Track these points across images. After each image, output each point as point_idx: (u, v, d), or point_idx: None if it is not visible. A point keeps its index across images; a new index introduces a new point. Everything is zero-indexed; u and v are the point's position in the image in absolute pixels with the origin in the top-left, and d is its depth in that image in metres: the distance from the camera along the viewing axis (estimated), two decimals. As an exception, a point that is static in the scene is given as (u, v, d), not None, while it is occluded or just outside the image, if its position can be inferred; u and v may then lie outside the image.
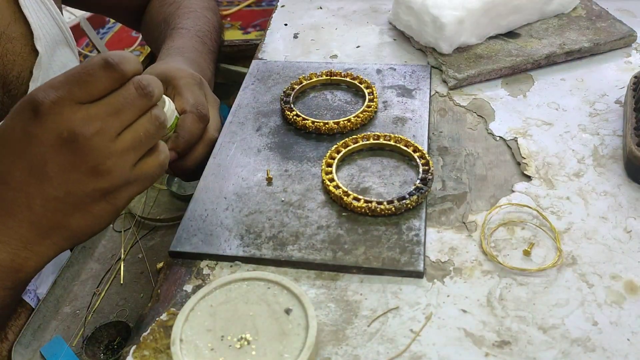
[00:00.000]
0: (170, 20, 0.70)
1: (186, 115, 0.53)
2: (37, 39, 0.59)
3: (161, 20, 0.72)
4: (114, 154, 0.40)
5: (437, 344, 0.43)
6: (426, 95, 0.64)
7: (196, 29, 0.68)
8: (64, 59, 0.64)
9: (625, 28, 0.71)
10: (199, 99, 0.54)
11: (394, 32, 0.78)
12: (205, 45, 0.67)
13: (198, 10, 0.72)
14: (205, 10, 0.73)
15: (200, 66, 0.62)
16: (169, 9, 0.73)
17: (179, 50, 0.62)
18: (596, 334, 0.43)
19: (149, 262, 0.62)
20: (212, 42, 0.69)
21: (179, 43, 0.64)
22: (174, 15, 0.71)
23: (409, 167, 0.55)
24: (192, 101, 0.53)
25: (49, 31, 0.61)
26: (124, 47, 2.18)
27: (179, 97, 0.53)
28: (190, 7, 0.72)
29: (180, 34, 0.66)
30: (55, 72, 0.62)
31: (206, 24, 0.70)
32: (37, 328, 0.56)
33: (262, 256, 0.49)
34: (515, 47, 0.70)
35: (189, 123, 0.52)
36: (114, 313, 0.57)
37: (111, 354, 0.54)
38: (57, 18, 0.63)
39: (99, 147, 0.39)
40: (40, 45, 0.59)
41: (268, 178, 0.55)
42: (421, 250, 0.48)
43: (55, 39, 0.62)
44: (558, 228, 0.50)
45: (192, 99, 0.54)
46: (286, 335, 0.41)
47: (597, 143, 0.58)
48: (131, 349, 0.44)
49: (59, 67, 0.62)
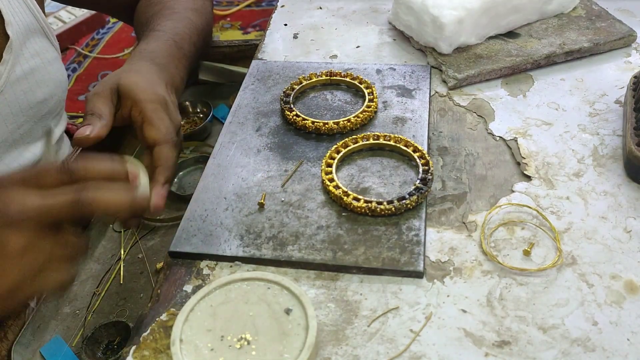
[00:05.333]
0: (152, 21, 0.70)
1: (162, 147, 0.53)
2: (8, 24, 0.60)
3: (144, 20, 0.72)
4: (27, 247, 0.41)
5: (437, 344, 0.43)
6: (426, 95, 0.64)
7: (174, 31, 0.67)
8: (38, 47, 0.64)
9: (625, 28, 0.71)
10: (169, 127, 0.55)
11: (394, 32, 0.78)
12: (180, 49, 0.66)
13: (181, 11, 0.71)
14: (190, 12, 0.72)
15: (170, 73, 0.62)
16: (153, 9, 0.73)
17: (150, 55, 0.62)
18: (596, 334, 0.43)
19: (148, 262, 0.62)
20: (189, 45, 0.68)
21: (152, 46, 0.64)
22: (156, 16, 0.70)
23: (409, 167, 0.55)
24: (164, 130, 0.54)
25: (22, 19, 0.62)
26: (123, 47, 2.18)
27: (149, 127, 0.54)
28: (173, 8, 0.72)
29: (156, 36, 0.66)
30: (26, 59, 0.63)
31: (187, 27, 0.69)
32: (36, 328, 0.56)
33: (262, 256, 0.49)
34: (515, 47, 0.70)
35: (167, 153, 0.53)
36: (114, 313, 0.57)
37: (111, 354, 0.54)
38: (32, 7, 0.64)
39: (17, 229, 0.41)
40: (12, 31, 0.60)
41: (260, 203, 0.53)
42: (421, 250, 0.48)
43: (29, 27, 0.63)
44: (558, 228, 0.50)
45: (163, 128, 0.54)
46: (286, 335, 0.41)
47: (597, 143, 0.58)
48: (131, 349, 0.44)
49: (31, 53, 0.63)
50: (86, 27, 2.25)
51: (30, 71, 0.63)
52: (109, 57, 2.15)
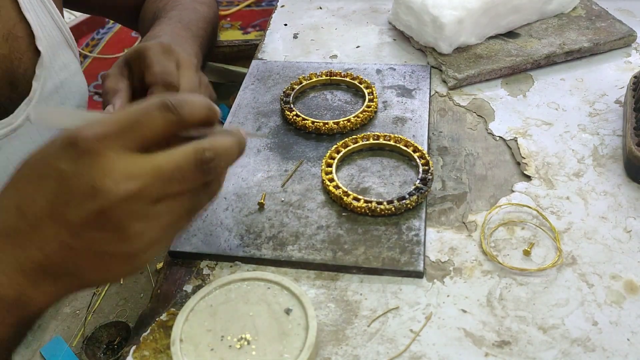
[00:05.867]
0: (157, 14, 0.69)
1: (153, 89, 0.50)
2: (39, 39, 0.60)
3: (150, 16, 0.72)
4: (145, 219, 0.35)
5: (437, 344, 0.43)
6: (426, 95, 0.64)
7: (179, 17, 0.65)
8: (65, 59, 0.64)
9: (625, 28, 0.71)
10: (165, 68, 0.51)
11: (394, 32, 0.78)
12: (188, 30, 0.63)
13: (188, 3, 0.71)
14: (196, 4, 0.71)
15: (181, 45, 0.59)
16: (157, 5, 0.72)
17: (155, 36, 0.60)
18: (596, 334, 0.43)
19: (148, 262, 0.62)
20: (197, 29, 0.66)
21: (157, 30, 0.61)
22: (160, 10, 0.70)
23: (409, 167, 0.55)
24: (158, 70, 0.50)
25: (50, 32, 0.62)
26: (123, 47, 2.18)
27: (147, 71, 0.51)
28: (180, 1, 0.71)
29: (161, 22, 0.64)
30: (57, 72, 0.62)
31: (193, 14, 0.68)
32: (37, 328, 0.56)
33: (262, 256, 0.49)
34: (515, 47, 0.70)
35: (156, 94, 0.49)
36: (114, 313, 0.57)
37: (111, 354, 0.54)
38: (57, 20, 0.64)
39: (130, 211, 0.34)
40: (42, 46, 0.60)
41: (260, 203, 0.53)
42: (421, 250, 0.48)
43: (56, 40, 0.63)
44: (558, 228, 0.50)
45: (158, 68, 0.50)
46: (286, 335, 0.41)
47: (597, 143, 0.58)
48: (131, 349, 0.44)
49: (60, 67, 0.63)
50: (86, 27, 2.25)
51: (60, 84, 0.62)
52: (109, 57, 2.15)
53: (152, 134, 0.35)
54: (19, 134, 0.58)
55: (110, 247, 0.35)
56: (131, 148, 0.34)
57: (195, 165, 0.35)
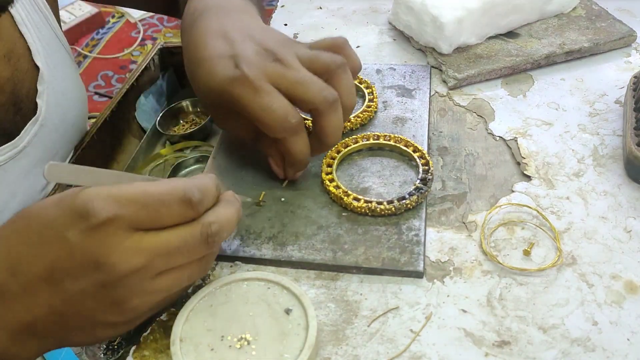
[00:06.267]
0: None
1: None
2: (36, 54, 0.58)
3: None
4: (144, 295, 0.35)
5: (437, 344, 0.43)
6: (426, 95, 0.64)
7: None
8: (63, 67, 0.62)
9: (625, 28, 0.71)
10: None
11: (394, 32, 0.78)
12: None
13: None
14: None
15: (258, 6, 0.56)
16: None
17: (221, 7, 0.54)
18: (596, 334, 0.43)
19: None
20: None
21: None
22: None
23: (409, 167, 0.55)
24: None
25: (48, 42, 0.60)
26: (123, 47, 2.18)
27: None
28: None
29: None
30: (58, 83, 0.61)
31: None
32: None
33: (262, 256, 0.49)
34: (515, 47, 0.70)
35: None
36: (114, 313, 0.57)
37: (111, 354, 0.54)
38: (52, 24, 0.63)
39: (131, 286, 0.34)
40: (40, 61, 0.59)
41: (260, 203, 0.53)
42: (421, 250, 0.48)
43: (53, 49, 0.61)
44: (558, 228, 0.50)
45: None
46: (286, 335, 0.41)
47: (597, 143, 0.58)
48: (131, 349, 0.44)
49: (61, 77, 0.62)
50: (86, 27, 2.25)
51: (62, 95, 0.62)
52: (109, 57, 2.15)
53: (163, 224, 0.35)
54: (26, 154, 0.58)
55: (103, 317, 0.36)
56: (141, 229, 0.34)
57: (201, 239, 0.36)
